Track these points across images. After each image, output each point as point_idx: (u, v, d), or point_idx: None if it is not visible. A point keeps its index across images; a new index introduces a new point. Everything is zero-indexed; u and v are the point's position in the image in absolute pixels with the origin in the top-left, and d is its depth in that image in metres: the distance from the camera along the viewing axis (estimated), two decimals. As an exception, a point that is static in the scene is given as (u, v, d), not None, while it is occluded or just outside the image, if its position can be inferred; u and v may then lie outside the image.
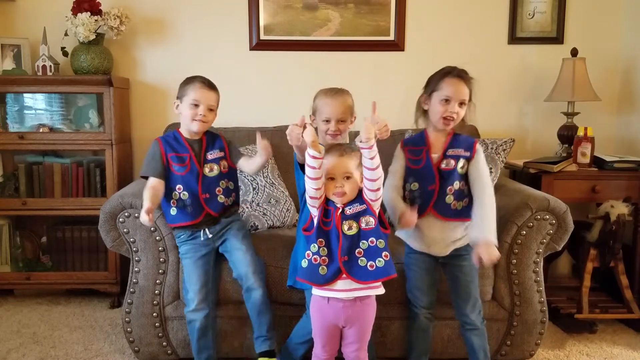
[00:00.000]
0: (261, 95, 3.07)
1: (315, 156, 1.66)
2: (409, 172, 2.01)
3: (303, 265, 1.76)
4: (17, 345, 2.38)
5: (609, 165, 2.67)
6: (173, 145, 2.05)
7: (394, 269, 1.74)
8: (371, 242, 1.72)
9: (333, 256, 1.71)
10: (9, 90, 2.80)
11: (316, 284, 1.73)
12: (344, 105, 1.98)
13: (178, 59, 3.03)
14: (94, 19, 2.72)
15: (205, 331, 2.02)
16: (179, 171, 2.02)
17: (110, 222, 2.13)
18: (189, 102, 2.02)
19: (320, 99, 2.01)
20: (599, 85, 2.89)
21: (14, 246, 2.90)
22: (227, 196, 2.08)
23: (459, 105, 1.91)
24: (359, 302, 1.74)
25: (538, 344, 2.20)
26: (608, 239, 2.47)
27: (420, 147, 2.00)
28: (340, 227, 1.71)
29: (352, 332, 1.76)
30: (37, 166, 2.82)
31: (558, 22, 3.03)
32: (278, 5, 2.99)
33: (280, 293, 2.12)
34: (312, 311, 1.81)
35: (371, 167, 1.69)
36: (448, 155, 1.95)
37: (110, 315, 2.70)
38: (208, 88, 2.04)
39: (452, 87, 1.90)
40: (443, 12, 3.03)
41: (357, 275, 1.70)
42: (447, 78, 1.92)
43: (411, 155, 2.01)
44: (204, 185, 2.03)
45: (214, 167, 2.06)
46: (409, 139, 2.09)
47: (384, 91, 3.05)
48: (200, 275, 2.01)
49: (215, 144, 2.09)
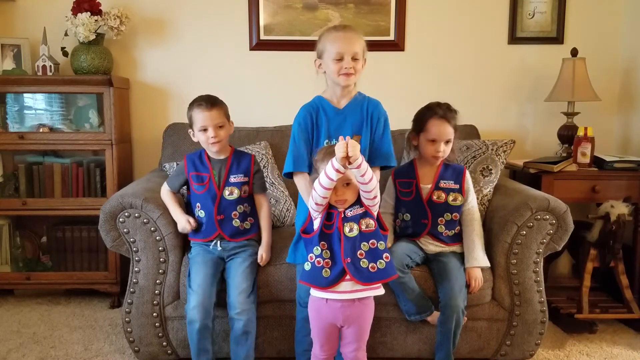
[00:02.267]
0: (261, 95, 3.07)
1: (340, 171, 1.62)
2: (400, 203, 2.17)
3: (306, 269, 1.75)
4: (17, 345, 2.38)
5: (609, 165, 2.67)
6: (196, 164, 2.11)
7: (395, 269, 1.76)
8: (372, 244, 1.72)
9: (336, 258, 1.71)
10: (9, 90, 2.80)
11: (320, 286, 1.73)
12: (358, 39, 1.82)
13: (178, 59, 3.03)
14: (94, 19, 2.72)
15: (204, 333, 1.98)
16: (198, 190, 2.09)
17: (110, 222, 2.13)
18: (197, 129, 2.07)
19: (329, 35, 1.84)
20: (599, 85, 2.89)
21: (14, 246, 2.90)
22: (242, 220, 2.10)
23: (445, 143, 2.09)
24: (357, 302, 1.74)
25: (538, 344, 2.20)
26: (608, 239, 2.47)
27: (410, 180, 2.14)
28: (342, 229, 1.72)
29: (351, 331, 1.77)
30: (37, 166, 2.82)
31: (558, 22, 3.03)
32: (278, 5, 2.99)
33: (281, 292, 2.12)
34: (310, 312, 1.81)
35: (364, 182, 1.68)
36: (440, 188, 2.11)
37: (110, 315, 2.70)
38: (209, 109, 2.05)
39: (437, 129, 2.08)
40: (443, 12, 3.03)
41: (359, 276, 1.70)
42: (432, 120, 2.09)
43: (401, 187, 2.16)
44: (221, 207, 2.07)
45: (234, 191, 2.08)
46: (399, 169, 2.21)
47: (384, 91, 3.02)
48: (206, 274, 2.00)
49: (241, 166, 2.11)
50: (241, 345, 2.00)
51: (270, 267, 2.13)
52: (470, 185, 2.16)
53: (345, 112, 1.92)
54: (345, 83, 1.84)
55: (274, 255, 2.16)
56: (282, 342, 2.19)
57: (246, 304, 1.99)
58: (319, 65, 1.89)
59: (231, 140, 2.67)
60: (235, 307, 1.98)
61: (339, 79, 1.83)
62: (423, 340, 2.18)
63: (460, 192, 2.12)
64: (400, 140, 2.75)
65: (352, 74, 1.82)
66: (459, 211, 2.12)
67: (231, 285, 2.02)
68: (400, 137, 2.76)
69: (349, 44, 1.80)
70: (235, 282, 2.01)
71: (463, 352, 2.19)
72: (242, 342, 2.00)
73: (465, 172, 2.16)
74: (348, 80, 1.83)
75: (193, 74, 3.03)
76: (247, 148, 2.63)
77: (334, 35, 1.82)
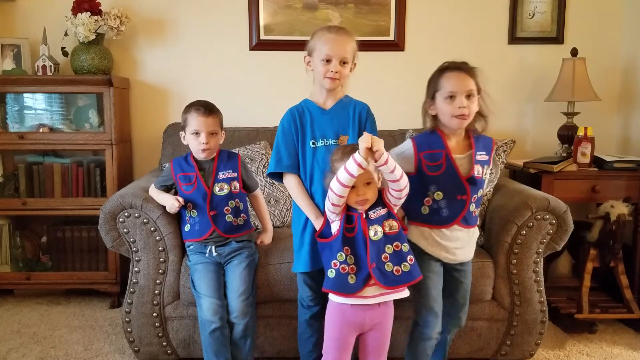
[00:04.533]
0: (261, 95, 3.07)
1: (362, 165, 1.56)
2: (427, 180, 1.79)
3: (330, 276, 1.68)
4: (17, 345, 2.38)
5: (609, 165, 2.67)
6: (182, 165, 2.11)
7: (419, 271, 1.70)
8: (396, 246, 1.67)
9: (361, 264, 1.65)
10: (9, 90, 2.80)
11: (346, 293, 1.66)
12: (349, 43, 1.80)
13: (178, 59, 3.03)
14: (94, 19, 2.72)
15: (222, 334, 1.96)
16: (187, 190, 2.08)
17: (110, 222, 2.13)
18: (189, 132, 2.07)
19: (321, 35, 1.81)
20: (599, 85, 2.89)
21: (14, 246, 2.90)
22: (235, 216, 2.09)
23: (466, 98, 1.74)
24: (382, 305, 1.70)
25: (538, 344, 2.20)
26: (608, 239, 2.47)
27: (438, 151, 1.79)
28: (367, 232, 1.66)
29: (374, 338, 1.72)
30: (37, 166, 2.82)
31: (558, 22, 3.03)
32: (278, 5, 2.99)
33: (281, 292, 2.12)
34: (330, 317, 1.73)
35: (394, 179, 1.61)
36: (477, 161, 1.79)
37: (110, 315, 2.70)
38: (206, 115, 2.04)
39: (453, 80, 1.75)
40: (443, 12, 3.03)
41: (385, 281, 1.65)
42: (446, 73, 1.78)
43: (428, 161, 1.79)
44: (213, 203, 2.06)
45: (224, 187, 2.08)
46: (419, 141, 1.83)
47: (384, 91, 3.05)
48: (211, 278, 2.00)
49: (229, 164, 2.11)
50: (240, 347, 2.00)
51: (270, 267, 2.12)
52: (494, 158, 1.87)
53: (332, 112, 1.89)
54: (329, 87, 1.83)
55: (275, 255, 2.16)
56: (282, 342, 2.19)
57: (245, 307, 1.99)
58: (308, 62, 1.87)
59: (231, 140, 2.69)
60: (234, 311, 1.98)
61: (324, 81, 1.82)
62: (423, 340, 2.18)
63: (489, 163, 1.84)
64: (400, 140, 2.75)
65: (337, 79, 1.80)
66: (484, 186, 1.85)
67: (230, 289, 2.01)
68: (400, 137, 2.77)
69: (339, 48, 1.78)
70: (233, 286, 2.01)
71: (463, 352, 2.19)
72: (241, 345, 2.00)
73: (494, 142, 1.87)
74: (332, 85, 1.82)
75: (193, 74, 3.03)
76: (247, 148, 2.63)
77: (327, 36, 1.79)
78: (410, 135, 2.70)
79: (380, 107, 3.06)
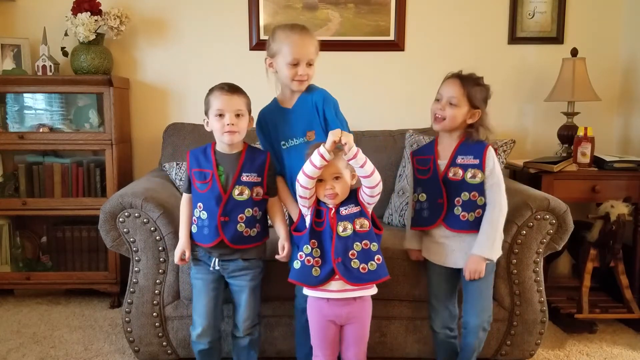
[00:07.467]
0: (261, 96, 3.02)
1: (324, 157, 1.60)
2: (416, 182, 1.97)
3: (295, 267, 1.74)
4: (17, 345, 2.38)
5: (609, 165, 2.67)
6: (199, 159, 1.86)
7: (387, 271, 1.73)
8: (365, 244, 1.70)
9: (326, 257, 1.69)
10: (9, 90, 2.80)
11: (309, 285, 1.72)
12: (313, 43, 1.79)
13: (178, 59, 3.03)
14: (94, 19, 2.72)
15: (211, 354, 1.97)
16: (201, 189, 1.84)
17: (110, 222, 2.13)
18: (213, 114, 1.82)
19: (285, 37, 1.77)
20: (599, 85, 2.89)
21: (14, 246, 2.90)
22: (248, 226, 1.84)
23: (448, 104, 1.86)
24: (358, 300, 1.74)
25: (538, 344, 2.20)
26: (608, 239, 2.47)
27: (427, 156, 1.93)
28: (335, 228, 1.69)
29: (352, 331, 1.76)
30: (37, 166, 2.82)
31: (558, 22, 3.03)
32: (278, 5, 2.99)
33: (280, 292, 2.11)
34: (310, 311, 1.79)
35: (365, 175, 1.63)
36: (457, 164, 1.87)
37: (110, 315, 2.70)
38: (230, 93, 1.82)
39: (443, 87, 1.90)
40: (443, 12, 3.03)
41: (349, 277, 1.68)
42: (444, 81, 1.93)
43: (419, 165, 1.96)
44: (227, 208, 1.82)
45: (244, 191, 1.83)
46: (420, 147, 2.05)
47: (384, 91, 3.05)
48: (209, 299, 1.92)
49: (255, 164, 1.85)
50: (243, 357, 2.00)
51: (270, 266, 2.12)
52: (492, 162, 1.86)
53: (295, 111, 1.89)
54: (298, 89, 1.83)
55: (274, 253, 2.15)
56: (282, 342, 2.19)
57: (251, 328, 1.96)
58: (270, 64, 1.84)
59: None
60: (240, 330, 1.95)
61: (292, 84, 1.80)
62: (423, 340, 2.18)
63: (480, 167, 1.85)
64: (400, 140, 2.76)
65: (305, 80, 1.81)
66: (479, 190, 1.85)
67: (237, 310, 1.95)
68: (400, 137, 2.77)
69: (306, 51, 1.78)
70: (240, 310, 1.94)
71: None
72: (243, 355, 1.99)
73: (488, 147, 1.89)
74: (301, 86, 1.82)
75: (193, 74, 3.03)
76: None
77: (292, 39, 1.77)
78: (410, 135, 2.70)
79: (380, 107, 3.10)
